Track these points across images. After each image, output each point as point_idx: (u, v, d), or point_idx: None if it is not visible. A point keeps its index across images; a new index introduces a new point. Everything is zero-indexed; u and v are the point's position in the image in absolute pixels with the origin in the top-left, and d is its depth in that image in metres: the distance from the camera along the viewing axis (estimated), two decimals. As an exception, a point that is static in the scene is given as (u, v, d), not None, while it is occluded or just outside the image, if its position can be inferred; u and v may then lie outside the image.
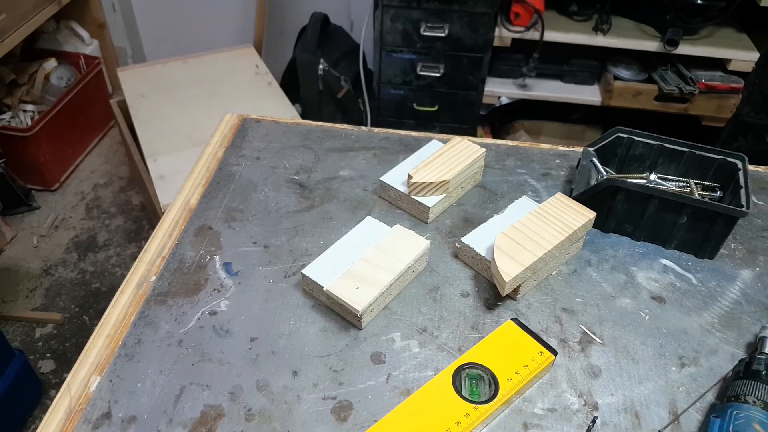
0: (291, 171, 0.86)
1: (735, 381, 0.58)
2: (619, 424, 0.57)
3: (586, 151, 0.80)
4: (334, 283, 0.65)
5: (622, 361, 0.63)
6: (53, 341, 1.70)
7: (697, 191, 0.77)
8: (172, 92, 1.91)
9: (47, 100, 2.15)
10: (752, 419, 0.52)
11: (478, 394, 0.57)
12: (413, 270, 0.70)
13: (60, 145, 2.16)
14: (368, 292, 0.64)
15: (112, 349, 0.62)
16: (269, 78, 1.99)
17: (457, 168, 0.78)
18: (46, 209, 2.11)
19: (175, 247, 0.73)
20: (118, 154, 2.36)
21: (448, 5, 1.74)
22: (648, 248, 0.76)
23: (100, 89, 2.37)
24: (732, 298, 0.70)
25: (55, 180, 2.19)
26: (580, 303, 0.69)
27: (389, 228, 0.72)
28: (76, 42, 2.36)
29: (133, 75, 2.00)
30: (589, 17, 1.85)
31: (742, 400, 0.54)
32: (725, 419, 0.53)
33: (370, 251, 0.69)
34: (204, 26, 2.47)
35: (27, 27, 1.94)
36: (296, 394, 0.59)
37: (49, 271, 1.90)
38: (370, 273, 0.66)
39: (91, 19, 2.38)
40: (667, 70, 1.88)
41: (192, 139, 1.73)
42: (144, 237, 2.02)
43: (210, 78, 1.98)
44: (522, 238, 0.68)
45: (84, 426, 0.56)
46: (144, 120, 1.81)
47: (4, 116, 2.08)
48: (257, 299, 0.68)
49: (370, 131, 0.93)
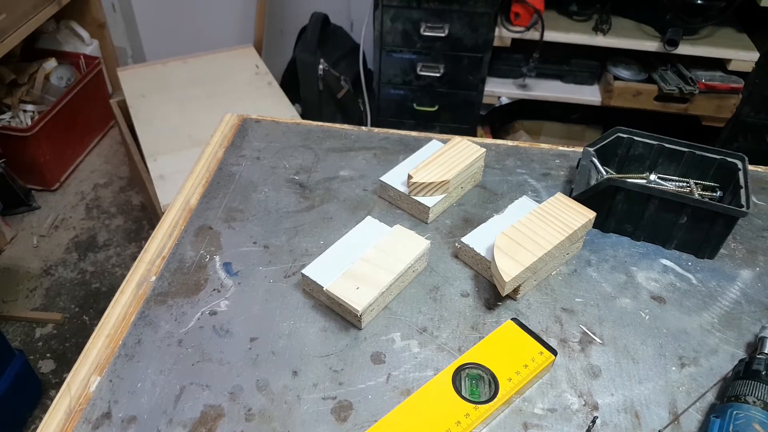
0: (291, 171, 0.86)
1: (735, 381, 0.57)
2: (619, 424, 0.57)
3: (586, 151, 0.80)
4: (334, 283, 0.65)
5: (622, 361, 0.63)
6: (53, 341, 1.70)
7: (697, 191, 0.77)
8: (172, 92, 1.91)
9: (47, 100, 2.15)
10: (752, 419, 0.52)
11: (478, 394, 0.57)
12: (413, 270, 0.70)
13: (60, 145, 2.16)
14: (368, 292, 0.64)
15: (112, 349, 0.62)
16: (269, 78, 1.99)
17: (457, 168, 0.78)
18: (46, 209, 2.11)
19: (175, 247, 0.73)
20: (118, 154, 2.36)
21: (448, 5, 1.74)
22: (648, 248, 0.76)
23: (100, 89, 2.37)
24: (732, 298, 0.70)
25: (55, 180, 2.19)
26: (580, 303, 0.69)
27: (389, 228, 0.72)
28: (76, 42, 2.36)
29: (133, 75, 2.00)
30: (589, 17, 1.85)
31: (742, 400, 0.54)
32: (725, 419, 0.53)
33: (370, 251, 0.69)
34: (204, 26, 2.47)
35: (27, 27, 1.94)
36: (296, 394, 0.59)
37: (49, 271, 1.90)
38: (370, 273, 0.66)
39: (91, 19, 2.38)
40: (667, 70, 1.88)
41: (192, 139, 1.73)
42: (144, 237, 2.02)
43: (210, 78, 1.98)
44: (522, 238, 0.68)
45: (84, 426, 0.56)
46: (144, 120, 1.81)
47: (4, 116, 2.08)
48: (257, 299, 0.68)
49: (370, 131, 0.93)
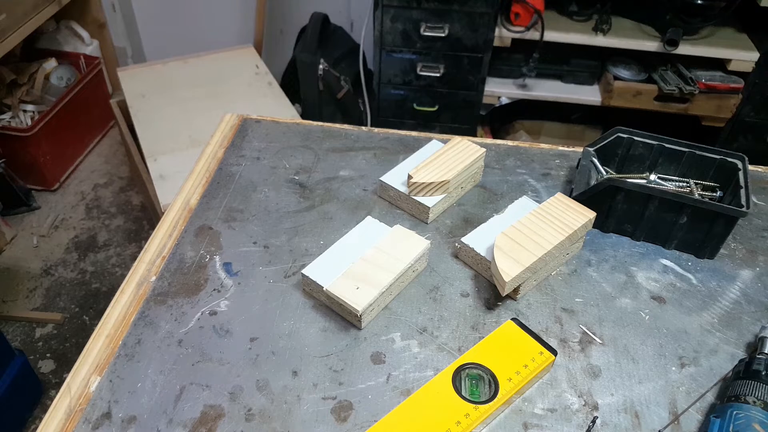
0: (291, 171, 0.86)
1: (735, 381, 0.57)
2: (619, 424, 0.57)
3: (586, 151, 0.80)
4: (334, 283, 0.65)
5: (622, 361, 0.63)
6: (53, 341, 1.70)
7: (697, 191, 0.77)
8: (172, 92, 1.91)
9: (47, 100, 2.15)
10: (752, 419, 0.52)
11: (478, 394, 0.57)
12: (413, 270, 0.70)
13: (60, 145, 2.16)
14: (368, 292, 0.64)
15: (112, 349, 0.62)
16: (269, 78, 1.99)
17: (457, 168, 0.78)
18: (46, 209, 2.11)
19: (175, 247, 0.73)
20: (118, 154, 2.36)
21: (448, 5, 1.74)
22: (648, 248, 0.76)
23: (100, 89, 2.37)
24: (732, 298, 0.70)
25: (55, 180, 2.19)
26: (580, 303, 0.69)
27: (389, 228, 0.72)
28: (76, 42, 2.36)
29: (133, 75, 2.00)
30: (589, 17, 1.85)
31: (742, 400, 0.54)
32: (725, 419, 0.53)
33: (370, 251, 0.69)
34: (204, 26, 2.47)
35: (27, 27, 1.94)
36: (296, 394, 0.59)
37: (49, 271, 1.90)
38: (370, 273, 0.66)
39: (91, 19, 2.38)
40: (667, 70, 1.88)
41: (192, 139, 1.73)
42: (144, 237, 2.02)
43: (210, 78, 1.98)
44: (522, 238, 0.68)
45: (84, 426, 0.56)
46: (144, 120, 1.81)
47: (4, 116, 2.08)
48: (257, 299, 0.68)
49: (370, 131, 0.93)
